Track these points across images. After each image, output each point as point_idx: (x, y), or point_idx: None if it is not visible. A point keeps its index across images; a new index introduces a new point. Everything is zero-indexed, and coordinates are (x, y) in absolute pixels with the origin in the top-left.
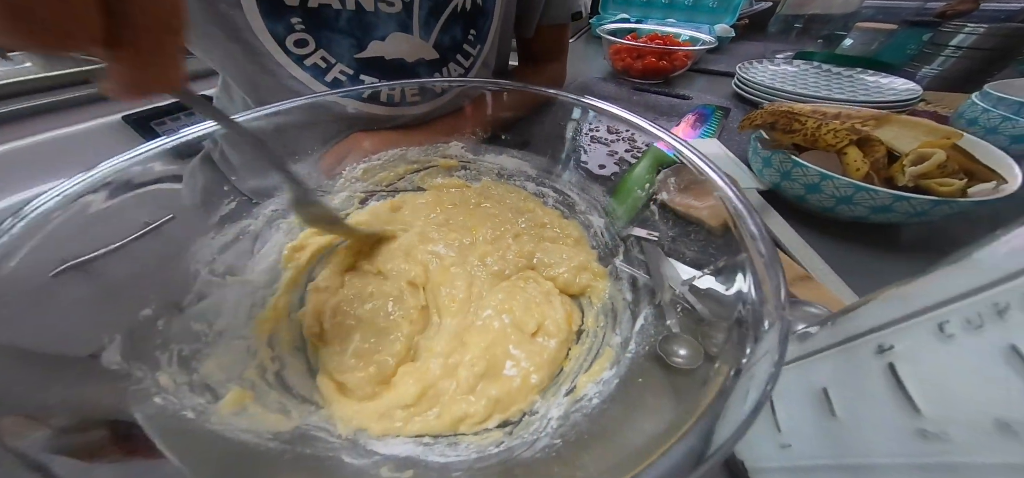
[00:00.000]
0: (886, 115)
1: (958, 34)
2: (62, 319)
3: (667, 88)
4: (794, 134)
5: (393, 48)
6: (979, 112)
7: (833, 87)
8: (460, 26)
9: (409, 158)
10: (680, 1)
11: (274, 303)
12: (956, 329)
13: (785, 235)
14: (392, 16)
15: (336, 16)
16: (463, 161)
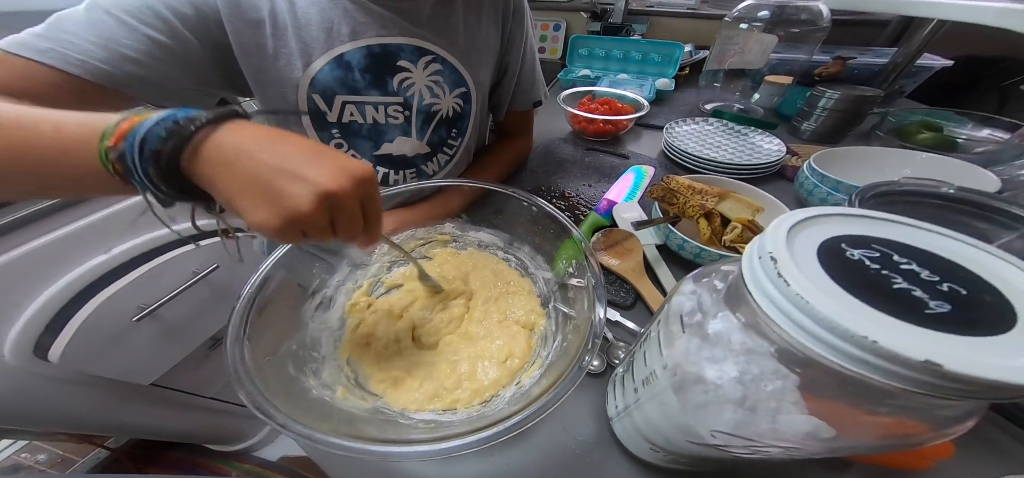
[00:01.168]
0: (726, 191)
1: (823, 97)
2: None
3: (613, 147)
4: (674, 206)
5: (398, 147)
6: (805, 178)
7: (731, 147)
8: (445, 128)
9: (417, 235)
10: (632, 56)
11: (345, 339)
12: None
13: (666, 278)
14: (397, 125)
15: (360, 127)
16: (454, 236)
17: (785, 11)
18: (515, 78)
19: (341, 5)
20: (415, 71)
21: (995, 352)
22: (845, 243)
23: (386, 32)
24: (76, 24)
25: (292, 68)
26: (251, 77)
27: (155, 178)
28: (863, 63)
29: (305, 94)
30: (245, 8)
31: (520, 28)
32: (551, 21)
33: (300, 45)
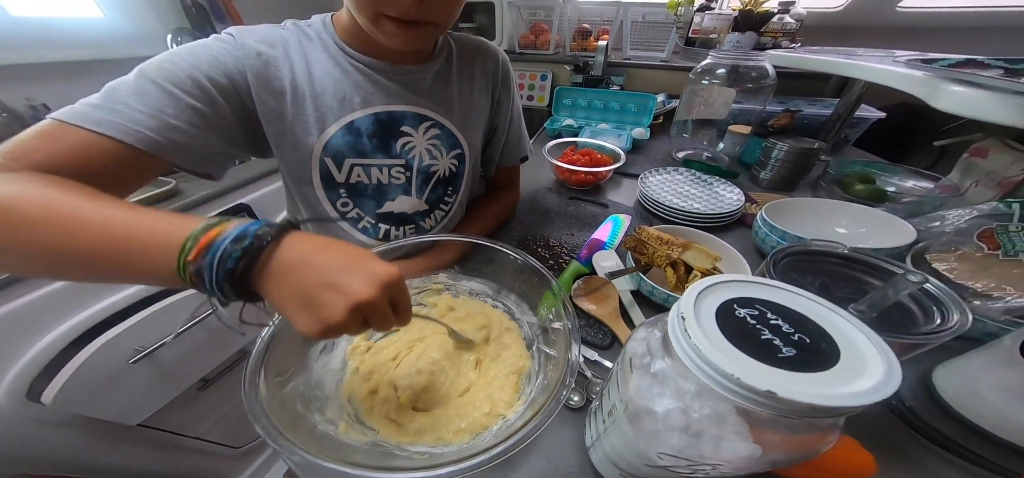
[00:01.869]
0: (689, 242)
1: (775, 148)
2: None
3: (594, 196)
4: (644, 256)
5: (399, 205)
6: (758, 227)
7: (698, 196)
8: (442, 187)
9: (414, 285)
10: (611, 106)
11: (347, 380)
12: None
13: (639, 320)
14: (399, 184)
15: (366, 187)
16: (447, 285)
17: (739, 69)
18: (503, 138)
19: (352, 78)
20: (416, 135)
21: (816, 384)
22: (736, 304)
23: (392, 101)
24: (128, 95)
25: (308, 134)
26: (273, 141)
27: (227, 290)
28: (810, 114)
29: (318, 157)
30: (271, 79)
31: (507, 93)
32: (539, 72)
33: (316, 113)
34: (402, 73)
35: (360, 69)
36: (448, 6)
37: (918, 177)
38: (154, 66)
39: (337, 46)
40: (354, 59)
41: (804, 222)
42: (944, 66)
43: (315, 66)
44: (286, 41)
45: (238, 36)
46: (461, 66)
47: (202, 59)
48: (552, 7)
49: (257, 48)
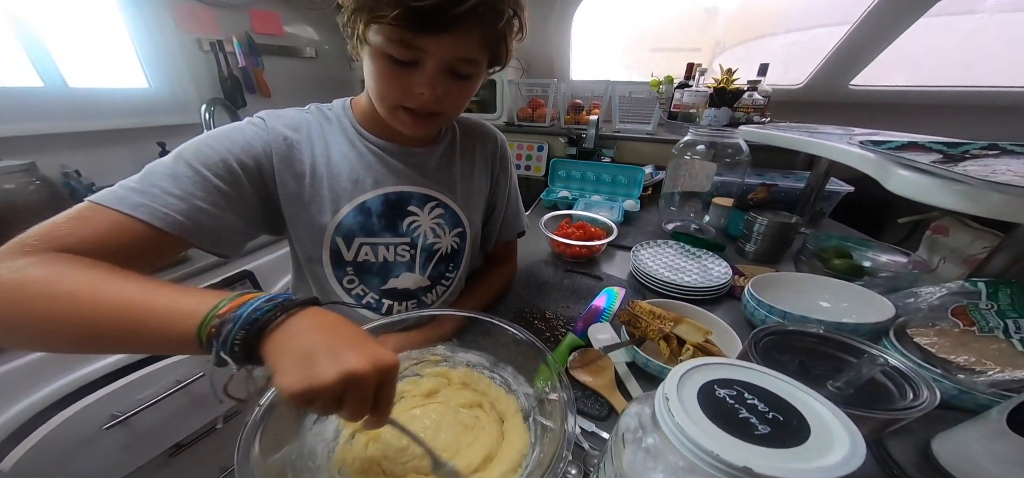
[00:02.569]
0: (680, 317)
1: (756, 222)
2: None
3: (589, 268)
4: (638, 330)
5: (403, 282)
6: (746, 301)
7: (688, 268)
8: (444, 263)
9: (412, 356)
10: (603, 178)
11: (339, 450)
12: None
13: (635, 392)
14: (404, 262)
15: (372, 265)
16: (445, 356)
17: (717, 145)
18: (502, 215)
19: (366, 160)
20: (422, 215)
21: (788, 459)
22: (717, 385)
23: (401, 182)
24: (163, 177)
25: (323, 214)
26: (289, 220)
27: (239, 344)
28: (785, 187)
29: (330, 237)
30: (293, 162)
31: (505, 173)
32: (536, 143)
33: (331, 194)
34: (411, 155)
35: (373, 151)
36: (459, 103)
37: (892, 252)
38: (192, 149)
39: (354, 129)
40: (369, 141)
41: (789, 296)
42: (890, 148)
43: (333, 148)
44: (309, 125)
45: (268, 120)
46: (463, 148)
47: (236, 142)
48: (548, 84)
49: (284, 132)
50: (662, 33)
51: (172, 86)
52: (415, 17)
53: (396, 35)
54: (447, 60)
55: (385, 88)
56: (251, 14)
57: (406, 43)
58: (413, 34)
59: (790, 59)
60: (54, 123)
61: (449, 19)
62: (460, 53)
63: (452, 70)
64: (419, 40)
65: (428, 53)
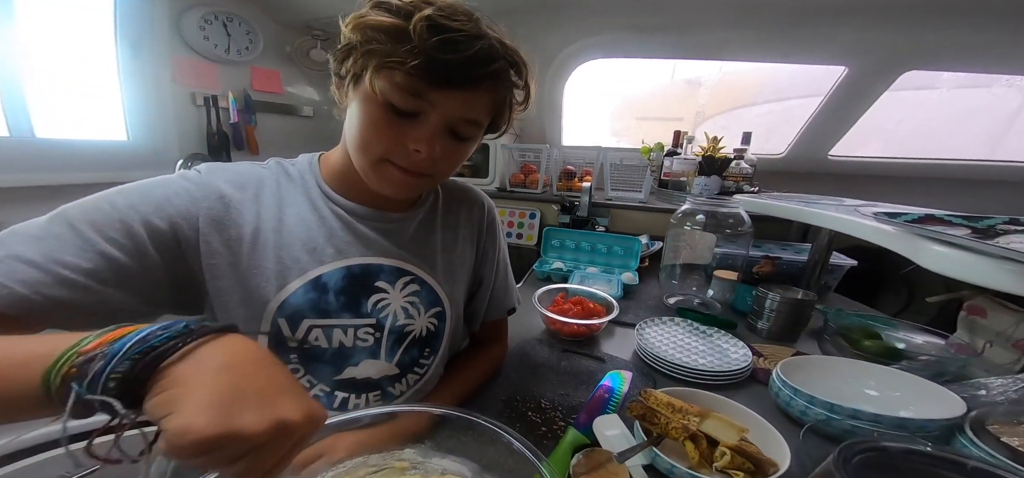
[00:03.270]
0: (706, 410)
1: (767, 298)
2: None
3: (589, 348)
4: (655, 426)
5: (363, 371)
6: (778, 389)
7: (701, 349)
8: (417, 348)
9: (370, 463)
10: (599, 248)
11: None
12: None
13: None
14: (365, 348)
15: (323, 352)
16: (414, 463)
17: (717, 215)
18: (489, 290)
19: (328, 225)
20: (392, 292)
21: None
22: None
23: (369, 252)
24: (26, 241)
25: (264, 289)
26: (215, 296)
27: (120, 380)
28: (788, 260)
29: (271, 317)
30: (228, 225)
31: (493, 243)
32: (528, 210)
33: (278, 266)
34: (385, 221)
35: (339, 215)
36: (452, 165)
37: (924, 333)
38: (85, 206)
39: (319, 189)
40: (335, 204)
41: (825, 382)
42: (906, 220)
43: (289, 210)
44: (260, 182)
45: (206, 174)
46: (446, 214)
47: (151, 198)
48: (540, 150)
49: (222, 189)
50: (648, 102)
51: (153, 139)
52: (435, 70)
53: (406, 83)
54: (452, 119)
55: (374, 137)
56: (252, 71)
57: (414, 93)
58: (425, 85)
59: (771, 128)
60: (13, 175)
61: (469, 78)
62: (467, 113)
63: (453, 130)
64: (430, 93)
65: (435, 108)
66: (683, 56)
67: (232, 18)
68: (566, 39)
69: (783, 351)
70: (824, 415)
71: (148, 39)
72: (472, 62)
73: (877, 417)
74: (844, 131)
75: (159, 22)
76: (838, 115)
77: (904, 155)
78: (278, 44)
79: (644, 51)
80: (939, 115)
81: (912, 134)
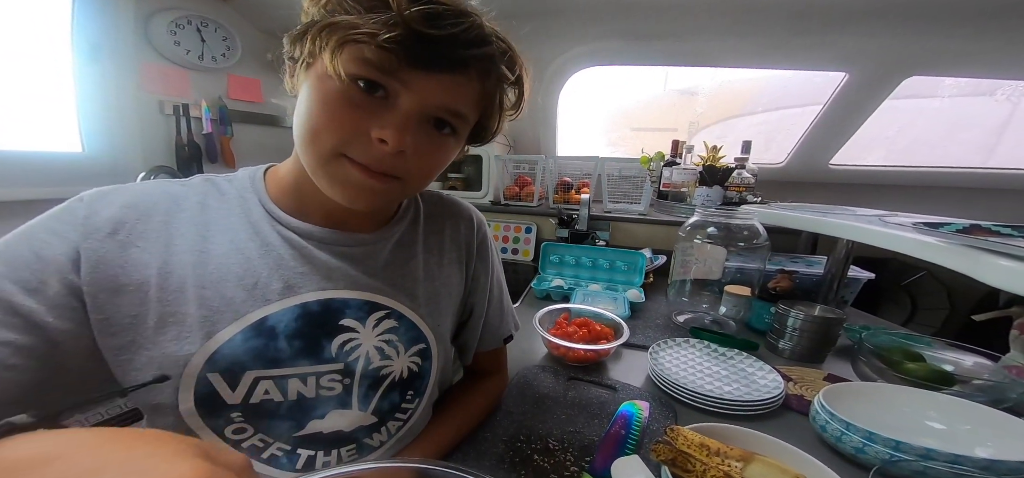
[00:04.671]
0: (750, 454)
1: (789, 316)
2: None
3: (597, 376)
4: (690, 474)
5: (331, 423)
6: (825, 422)
7: (723, 375)
8: (397, 391)
9: None
10: (600, 264)
11: None
12: None
13: None
14: (331, 397)
15: (277, 406)
16: None
17: (730, 228)
18: (482, 318)
19: (274, 254)
20: (363, 331)
21: None
22: None
23: (330, 284)
24: None
25: (181, 342)
26: (112, 360)
27: None
28: (805, 274)
29: (196, 375)
30: (122, 266)
31: (485, 265)
32: (524, 224)
33: (201, 311)
34: (351, 243)
35: (290, 240)
36: (427, 167)
37: (971, 354)
38: None
39: (263, 209)
40: (284, 225)
41: (877, 413)
42: (952, 231)
43: (218, 240)
44: (176, 206)
45: (88, 202)
46: (429, 232)
47: (18, 259)
48: (535, 161)
49: (111, 223)
50: (642, 113)
51: (112, 151)
52: (414, 44)
53: (376, 58)
54: (429, 106)
55: (326, 123)
56: (229, 78)
57: (386, 69)
58: (400, 63)
59: (768, 137)
60: None
61: (454, 60)
62: (450, 101)
63: (430, 121)
64: (405, 72)
65: (408, 89)
66: (679, 63)
67: (207, 23)
68: (560, 47)
69: (812, 374)
70: (887, 454)
71: (109, 43)
72: (460, 41)
73: (957, 458)
74: (845, 139)
75: (123, 25)
76: (839, 123)
77: (906, 164)
78: (258, 51)
79: (640, 58)
80: (940, 123)
81: (914, 143)
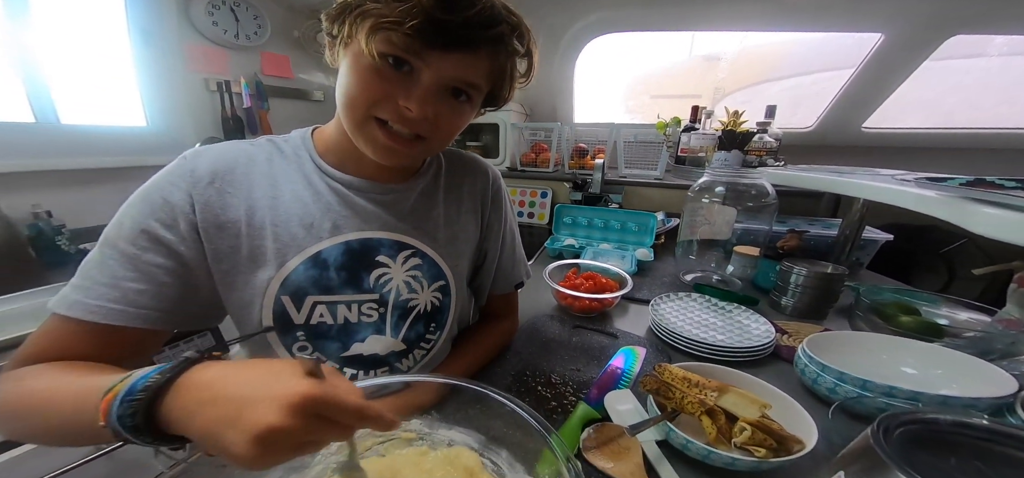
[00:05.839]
0: (725, 386)
1: (792, 273)
2: None
3: (601, 324)
4: (670, 401)
5: (370, 347)
6: (804, 365)
7: (720, 325)
8: (422, 323)
9: (376, 435)
10: (612, 225)
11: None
12: None
13: None
14: (370, 323)
15: (329, 328)
16: (421, 434)
17: (738, 187)
18: (495, 263)
19: (324, 200)
20: (393, 266)
21: None
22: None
23: (367, 227)
24: (94, 267)
25: (264, 270)
26: (220, 281)
27: (135, 437)
28: (816, 234)
29: (274, 296)
30: (223, 209)
31: (498, 214)
32: (539, 189)
33: (276, 244)
34: (383, 192)
35: (335, 189)
36: (447, 130)
37: (969, 309)
38: (111, 227)
39: (313, 163)
40: (330, 178)
41: (857, 359)
42: (956, 185)
43: (283, 188)
44: (251, 161)
45: (192, 160)
46: (449, 185)
47: (149, 204)
48: (551, 128)
49: (210, 174)
50: (663, 80)
51: (169, 125)
52: (432, 30)
53: (402, 43)
54: (447, 80)
55: (361, 93)
56: (262, 56)
57: (410, 50)
58: (422, 46)
59: (797, 102)
60: (39, 160)
61: (467, 40)
62: (464, 76)
63: (448, 93)
64: (426, 53)
65: (429, 67)
66: (702, 27)
67: (239, 3)
68: (577, 14)
69: (809, 328)
70: (855, 393)
71: (158, 27)
72: (471, 24)
73: (916, 394)
74: (879, 102)
75: (167, 10)
76: (873, 85)
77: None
78: (286, 29)
79: (661, 23)
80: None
81: (960, 104)
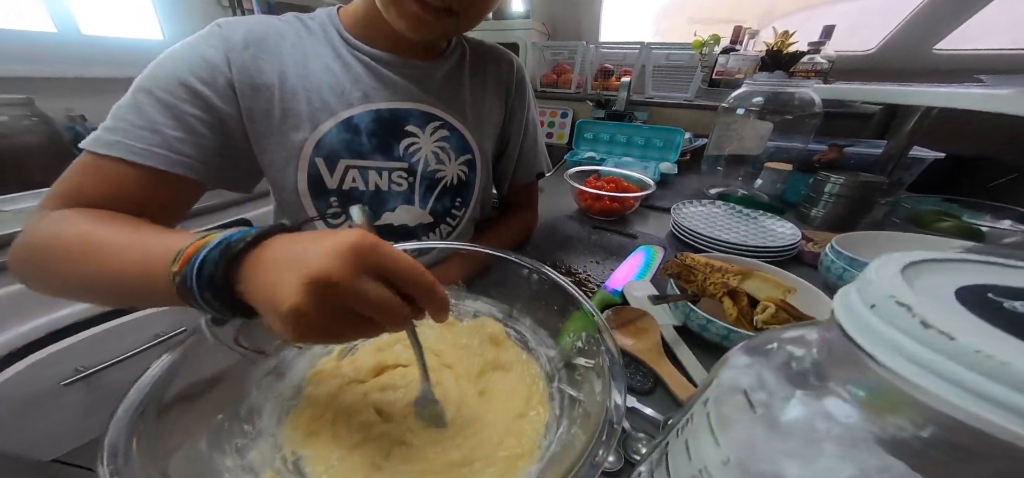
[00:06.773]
0: (749, 270)
1: (828, 182)
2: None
3: (620, 226)
4: (691, 284)
5: (400, 216)
6: (830, 261)
7: (743, 229)
8: (449, 196)
9: None
10: (635, 141)
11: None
12: None
13: (689, 361)
14: (400, 192)
15: (361, 194)
16: None
17: (779, 98)
18: (517, 150)
19: (353, 72)
20: (422, 136)
21: None
22: (994, 293)
23: (396, 97)
24: (129, 110)
25: (299, 130)
26: (255, 142)
27: (211, 299)
28: (857, 152)
29: (308, 157)
30: (257, 72)
31: (521, 102)
32: (559, 109)
33: (309, 108)
34: (410, 67)
35: (363, 62)
36: (480, 5)
37: (1012, 216)
38: (146, 77)
39: (340, 38)
40: (358, 51)
41: None
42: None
43: (313, 59)
44: (280, 33)
45: (225, 28)
46: (474, 69)
47: (188, 59)
48: (575, 49)
49: (245, 39)
50: (705, 1)
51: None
52: None
53: None
54: None
55: None
56: None
57: None
58: None
59: (858, 23)
60: (65, 68)
61: None
62: None
63: None
64: None
65: None
66: None
67: None
68: None
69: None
70: None
71: None
72: None
73: None
74: (962, 20)
75: None
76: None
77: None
78: None
79: None
80: None
81: None
